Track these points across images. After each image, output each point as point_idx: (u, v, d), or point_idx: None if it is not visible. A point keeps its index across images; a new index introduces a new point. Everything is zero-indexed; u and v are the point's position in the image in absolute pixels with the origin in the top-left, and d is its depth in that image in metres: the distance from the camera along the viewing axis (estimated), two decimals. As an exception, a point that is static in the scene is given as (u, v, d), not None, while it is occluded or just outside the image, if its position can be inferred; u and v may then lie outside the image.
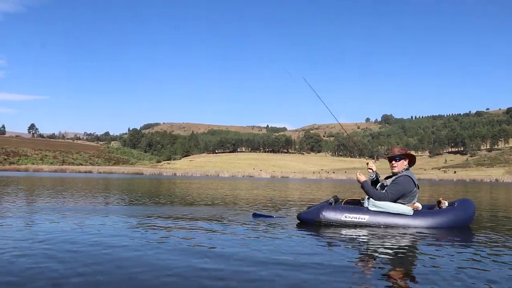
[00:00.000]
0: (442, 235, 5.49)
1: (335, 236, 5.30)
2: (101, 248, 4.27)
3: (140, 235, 5.10)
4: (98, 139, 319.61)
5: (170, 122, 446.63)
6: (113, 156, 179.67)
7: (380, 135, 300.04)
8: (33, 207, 8.36)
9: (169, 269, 3.45)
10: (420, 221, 5.91)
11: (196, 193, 15.04)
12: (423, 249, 4.63)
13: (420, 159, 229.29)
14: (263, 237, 5.15)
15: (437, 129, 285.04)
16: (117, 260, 3.77)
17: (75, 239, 4.72)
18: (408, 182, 6.08)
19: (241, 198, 12.72)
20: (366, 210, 6.01)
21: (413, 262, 4.07)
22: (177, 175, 71.78)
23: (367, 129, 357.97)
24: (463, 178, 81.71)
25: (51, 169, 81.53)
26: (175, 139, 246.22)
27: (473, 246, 4.85)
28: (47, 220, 6.27)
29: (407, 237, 5.29)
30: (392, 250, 4.51)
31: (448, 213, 6.10)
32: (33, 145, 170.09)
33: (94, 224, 5.99)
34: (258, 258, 3.96)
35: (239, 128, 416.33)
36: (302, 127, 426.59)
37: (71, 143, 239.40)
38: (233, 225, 6.16)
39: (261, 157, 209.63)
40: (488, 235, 5.70)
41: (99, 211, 7.83)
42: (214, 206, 9.37)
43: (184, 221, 6.54)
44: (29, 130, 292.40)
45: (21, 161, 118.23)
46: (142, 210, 8.13)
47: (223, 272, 3.39)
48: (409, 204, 6.12)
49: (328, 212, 6.07)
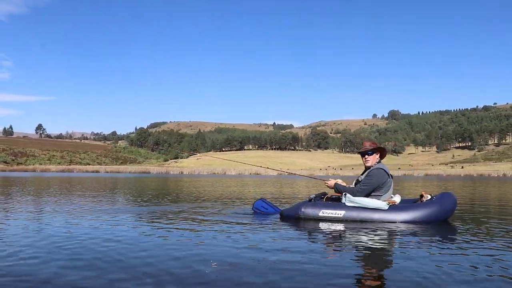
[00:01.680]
0: (414, 230, 5.47)
1: (312, 231, 5.42)
2: (116, 245, 4.24)
3: (150, 233, 5.12)
4: (105, 139, 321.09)
5: (177, 121, 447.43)
6: (120, 156, 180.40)
7: (387, 131, 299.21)
8: (43, 207, 8.32)
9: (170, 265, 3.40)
10: (394, 216, 5.98)
11: (202, 191, 14.96)
12: (392, 243, 4.65)
13: (428, 155, 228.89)
14: (246, 232, 5.29)
15: (444, 124, 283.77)
16: (130, 257, 3.79)
17: (86, 238, 4.73)
18: (381, 174, 6.22)
19: (248, 194, 12.64)
20: (343, 206, 6.14)
21: (375, 256, 4.03)
22: (184, 174, 71.89)
23: (374, 125, 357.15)
24: (470, 173, 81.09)
25: (59, 169, 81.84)
26: (182, 138, 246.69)
27: (442, 240, 4.85)
28: (60, 221, 6.23)
29: (378, 232, 5.32)
30: (359, 243, 4.57)
31: (425, 207, 6.08)
32: (40, 145, 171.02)
33: (104, 223, 5.96)
34: (232, 252, 4.08)
35: (246, 126, 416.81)
36: (309, 124, 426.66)
37: (78, 143, 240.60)
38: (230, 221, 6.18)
39: (268, 154, 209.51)
40: (466, 228, 5.69)
41: (106, 210, 7.78)
42: (221, 203, 9.28)
43: (191, 219, 6.50)
44: (36, 131, 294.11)
45: (28, 162, 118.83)
46: (149, 208, 8.06)
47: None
48: (387, 197, 6.24)
49: (307, 209, 6.25)
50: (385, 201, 6.14)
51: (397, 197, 6.54)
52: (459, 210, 8.09)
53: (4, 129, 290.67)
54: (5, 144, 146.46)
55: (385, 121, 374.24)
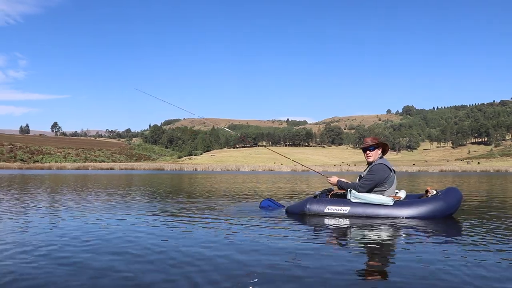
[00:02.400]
0: (419, 225, 5.45)
1: (317, 227, 5.39)
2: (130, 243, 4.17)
3: (164, 229, 5.10)
4: (119, 136, 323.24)
5: (190, 118, 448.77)
6: (135, 153, 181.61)
7: (402, 127, 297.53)
8: (63, 204, 8.32)
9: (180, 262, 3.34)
10: (400, 211, 5.97)
11: (216, 187, 14.93)
12: (397, 239, 4.64)
13: (443, 150, 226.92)
14: (251, 228, 5.29)
15: (460, 120, 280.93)
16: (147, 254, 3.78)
17: (101, 233, 4.74)
18: (383, 169, 6.22)
19: (262, 191, 12.57)
20: (348, 202, 6.18)
21: (380, 252, 3.99)
22: (198, 171, 72.05)
23: (388, 121, 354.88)
24: (487, 169, 79.98)
25: (74, 167, 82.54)
26: (196, 135, 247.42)
27: (447, 235, 4.82)
28: (79, 217, 6.22)
29: (383, 227, 5.31)
30: (364, 239, 4.58)
31: (430, 203, 6.04)
32: (56, 143, 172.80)
33: (118, 219, 5.93)
34: (241, 246, 4.15)
35: (260, 122, 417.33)
36: (323, 120, 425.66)
37: (93, 140, 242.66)
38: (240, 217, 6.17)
39: (281, 151, 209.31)
40: (472, 224, 5.65)
41: (121, 207, 7.77)
42: (233, 200, 9.23)
43: (206, 215, 6.44)
44: (52, 129, 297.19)
45: (44, 159, 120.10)
46: (162, 205, 8.03)
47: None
48: (390, 192, 6.25)
49: (312, 205, 6.30)
50: (390, 197, 6.13)
51: (402, 192, 6.55)
52: (469, 206, 8.00)
53: (20, 128, 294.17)
54: (22, 142, 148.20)
55: (400, 116, 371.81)
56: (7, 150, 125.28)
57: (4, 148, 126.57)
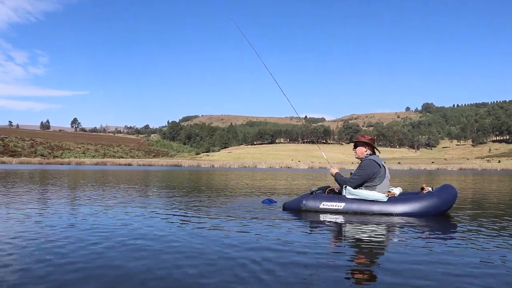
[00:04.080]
0: (413, 222, 5.56)
1: (312, 223, 5.53)
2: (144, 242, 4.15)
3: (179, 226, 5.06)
4: (138, 132, 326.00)
5: (208, 114, 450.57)
6: (153, 149, 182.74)
7: (421, 124, 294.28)
8: (84, 199, 8.38)
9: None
10: (393, 207, 6.07)
11: (233, 183, 14.88)
12: (389, 235, 4.72)
13: (463, 148, 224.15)
14: (251, 224, 5.37)
15: (481, 117, 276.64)
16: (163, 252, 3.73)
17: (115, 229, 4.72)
18: (372, 164, 6.38)
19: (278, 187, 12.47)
20: (343, 198, 6.33)
21: (372, 248, 4.02)
22: (215, 167, 72.19)
23: (407, 118, 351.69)
24: (508, 168, 78.68)
25: (92, 162, 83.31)
26: (214, 131, 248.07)
27: (441, 232, 4.90)
28: (98, 212, 6.28)
29: (376, 223, 5.42)
30: (357, 235, 4.64)
31: (423, 199, 6.13)
32: (75, 139, 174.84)
33: (133, 216, 5.93)
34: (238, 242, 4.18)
35: (278, 119, 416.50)
36: (341, 117, 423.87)
37: (112, 136, 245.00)
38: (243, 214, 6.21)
39: (299, 148, 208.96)
40: (468, 221, 5.74)
41: (137, 202, 7.80)
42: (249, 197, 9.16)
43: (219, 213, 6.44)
44: (72, 125, 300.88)
45: (64, 155, 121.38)
46: (177, 201, 7.99)
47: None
48: (382, 188, 6.38)
49: (308, 201, 6.45)
50: (384, 193, 6.28)
51: (397, 189, 6.67)
52: (474, 204, 8.06)
53: (41, 123, 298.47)
54: (43, 138, 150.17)
55: (419, 114, 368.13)
56: (28, 145, 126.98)
57: (25, 143, 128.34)
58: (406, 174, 35.18)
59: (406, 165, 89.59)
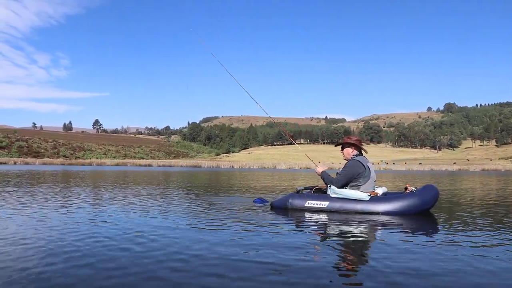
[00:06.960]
0: (394, 220, 5.77)
1: (298, 221, 5.69)
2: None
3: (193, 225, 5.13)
4: (159, 133, 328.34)
5: (228, 116, 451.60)
6: (173, 150, 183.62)
7: (443, 125, 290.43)
8: (106, 199, 8.51)
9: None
10: (375, 206, 6.32)
11: (254, 184, 14.97)
12: (371, 233, 4.85)
13: (486, 149, 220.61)
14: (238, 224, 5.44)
15: (505, 117, 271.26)
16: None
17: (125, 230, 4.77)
18: (356, 165, 6.61)
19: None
20: (327, 197, 6.60)
21: (354, 246, 4.12)
22: (235, 168, 72.36)
23: (429, 118, 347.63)
24: (532, 168, 77.31)
25: (113, 163, 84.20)
26: (234, 132, 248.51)
27: (422, 230, 5.13)
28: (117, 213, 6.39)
29: (358, 222, 5.60)
30: (340, 233, 4.77)
31: (404, 198, 6.36)
32: (97, 140, 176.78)
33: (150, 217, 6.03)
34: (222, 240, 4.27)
35: (298, 120, 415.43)
36: (361, 117, 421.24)
37: (133, 137, 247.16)
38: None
39: (319, 148, 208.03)
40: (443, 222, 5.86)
41: (143, 203, 7.88)
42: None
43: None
44: (93, 126, 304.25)
45: (86, 156, 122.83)
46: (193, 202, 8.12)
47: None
48: (367, 187, 6.59)
49: (294, 200, 6.71)
50: (367, 193, 6.50)
51: (382, 189, 6.87)
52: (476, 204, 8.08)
53: (64, 125, 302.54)
54: (65, 139, 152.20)
55: (441, 114, 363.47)
56: (51, 146, 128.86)
57: (48, 144, 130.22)
58: (427, 175, 34.83)
59: (427, 165, 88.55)
